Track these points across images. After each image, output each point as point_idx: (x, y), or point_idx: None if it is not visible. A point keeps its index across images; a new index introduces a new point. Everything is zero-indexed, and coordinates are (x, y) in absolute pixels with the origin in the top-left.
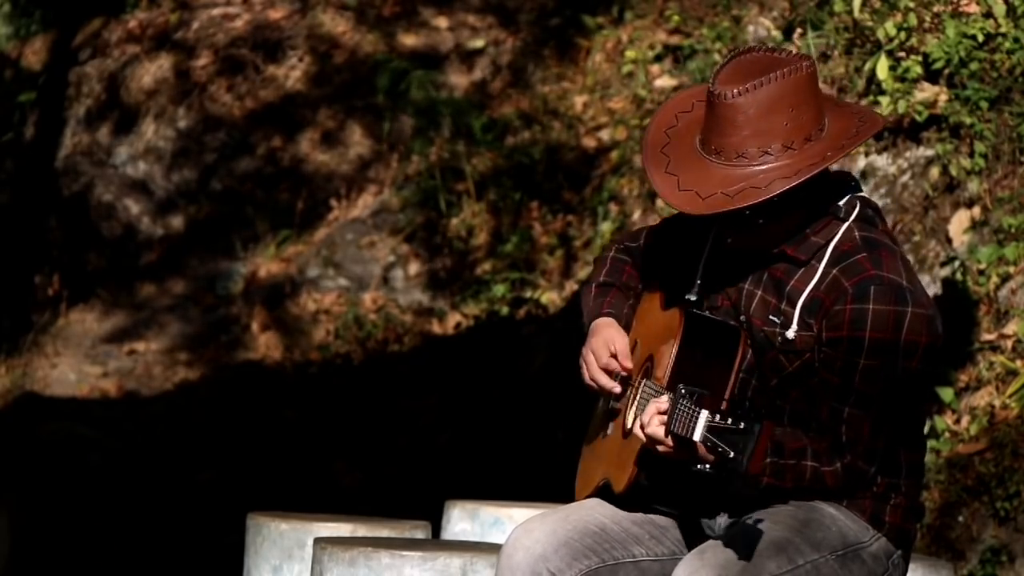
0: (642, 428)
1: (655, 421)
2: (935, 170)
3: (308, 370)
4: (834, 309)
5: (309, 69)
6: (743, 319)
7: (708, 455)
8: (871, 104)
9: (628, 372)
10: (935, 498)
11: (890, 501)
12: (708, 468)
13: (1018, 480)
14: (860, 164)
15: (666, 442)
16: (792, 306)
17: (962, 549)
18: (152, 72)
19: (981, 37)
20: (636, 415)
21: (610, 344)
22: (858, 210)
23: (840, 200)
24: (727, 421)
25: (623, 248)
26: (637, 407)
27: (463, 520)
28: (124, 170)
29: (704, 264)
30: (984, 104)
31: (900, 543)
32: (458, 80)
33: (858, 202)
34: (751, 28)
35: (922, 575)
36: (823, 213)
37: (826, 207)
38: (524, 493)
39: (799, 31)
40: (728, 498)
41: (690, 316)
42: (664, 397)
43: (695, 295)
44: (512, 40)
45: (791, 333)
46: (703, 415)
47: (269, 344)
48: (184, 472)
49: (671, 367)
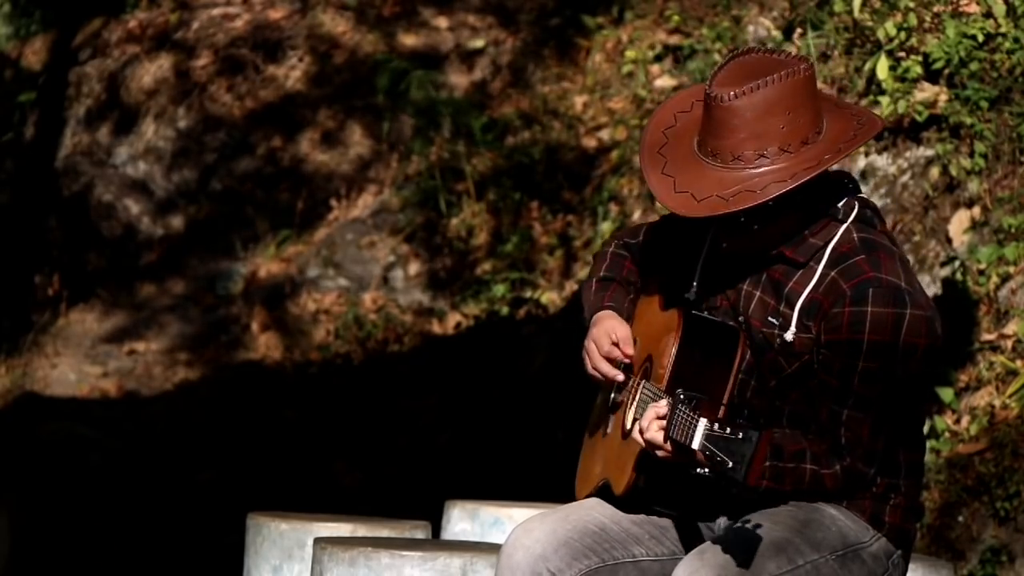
0: (641, 433)
1: (654, 427)
2: (935, 170)
3: (308, 370)
4: (833, 311)
5: (309, 69)
6: (742, 320)
7: (706, 463)
8: (871, 104)
9: (630, 359)
10: (935, 498)
11: (890, 501)
12: (707, 472)
13: (1018, 480)
14: (860, 164)
15: (665, 447)
16: (791, 308)
17: (962, 549)
18: (152, 72)
19: (981, 37)
20: (635, 417)
21: (611, 333)
22: (856, 211)
23: (838, 201)
24: (726, 430)
25: (623, 244)
26: (636, 408)
27: (463, 520)
28: (124, 170)
29: (702, 264)
30: (984, 104)
31: (900, 543)
32: (458, 80)
33: (856, 203)
34: (751, 28)
35: (922, 575)
36: (821, 214)
37: (824, 208)
38: (524, 493)
39: (799, 31)
40: (727, 500)
41: (689, 316)
42: (663, 402)
43: (693, 295)
44: (512, 40)
45: (790, 335)
46: (701, 423)
47: (269, 344)
48: (184, 472)
49: (670, 368)
